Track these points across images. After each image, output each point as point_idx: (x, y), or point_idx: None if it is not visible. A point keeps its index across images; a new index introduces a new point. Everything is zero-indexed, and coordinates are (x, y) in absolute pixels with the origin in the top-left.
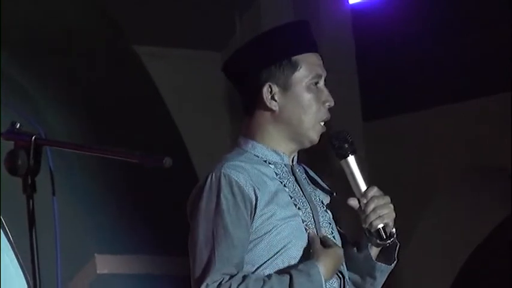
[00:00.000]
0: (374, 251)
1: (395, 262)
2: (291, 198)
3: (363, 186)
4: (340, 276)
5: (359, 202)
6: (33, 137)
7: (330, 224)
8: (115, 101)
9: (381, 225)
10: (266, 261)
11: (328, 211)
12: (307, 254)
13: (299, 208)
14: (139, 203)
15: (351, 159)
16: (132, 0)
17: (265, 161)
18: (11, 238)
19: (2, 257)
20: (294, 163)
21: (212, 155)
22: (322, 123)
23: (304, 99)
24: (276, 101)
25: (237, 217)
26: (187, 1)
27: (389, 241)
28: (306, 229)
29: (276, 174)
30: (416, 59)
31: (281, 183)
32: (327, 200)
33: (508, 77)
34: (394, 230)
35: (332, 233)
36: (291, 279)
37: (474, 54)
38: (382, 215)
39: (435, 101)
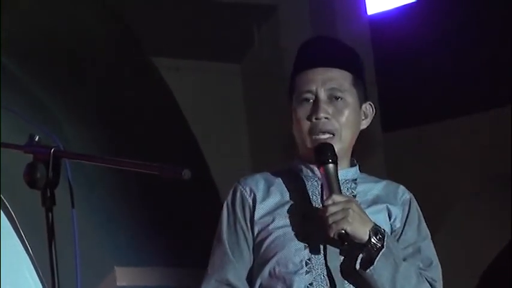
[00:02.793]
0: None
1: (371, 268)
2: (301, 209)
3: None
4: None
5: None
6: (52, 150)
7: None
8: (133, 113)
9: (342, 232)
10: (263, 268)
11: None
12: (296, 264)
13: (306, 219)
14: (158, 215)
15: (329, 168)
16: (151, 12)
17: (296, 174)
18: (31, 251)
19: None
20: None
21: (230, 166)
22: (319, 136)
23: (295, 116)
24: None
25: (233, 224)
26: (205, 13)
27: (370, 247)
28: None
29: (294, 187)
30: (434, 70)
31: (297, 195)
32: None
33: None
34: (372, 236)
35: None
36: None
37: (494, 64)
38: (333, 222)
39: (454, 112)
